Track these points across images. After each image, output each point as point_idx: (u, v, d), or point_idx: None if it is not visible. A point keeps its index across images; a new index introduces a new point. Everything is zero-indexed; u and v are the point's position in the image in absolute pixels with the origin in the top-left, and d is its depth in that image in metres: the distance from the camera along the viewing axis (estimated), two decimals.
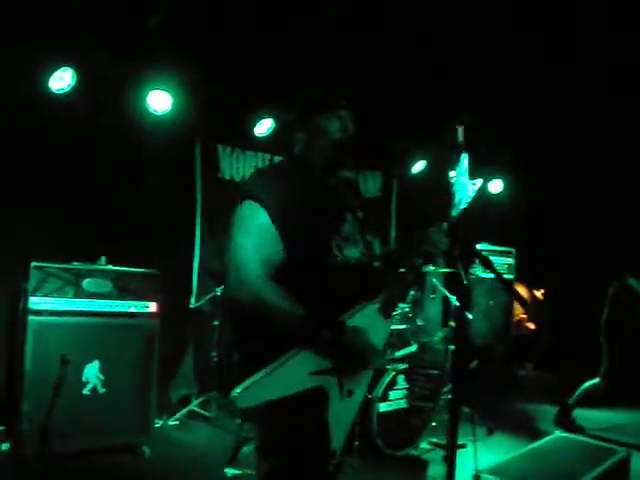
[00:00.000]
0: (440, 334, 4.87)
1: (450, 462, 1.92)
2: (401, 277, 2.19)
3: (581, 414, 5.42)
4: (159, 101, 4.97)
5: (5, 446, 3.99)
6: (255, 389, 1.90)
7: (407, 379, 4.45)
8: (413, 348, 4.71)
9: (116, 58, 4.55)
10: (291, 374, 1.92)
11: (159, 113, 5.02)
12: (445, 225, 2.17)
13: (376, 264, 2.27)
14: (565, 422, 5.31)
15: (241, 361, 2.04)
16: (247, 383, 1.90)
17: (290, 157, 2.27)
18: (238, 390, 1.90)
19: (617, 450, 3.36)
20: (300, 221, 1.99)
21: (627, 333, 5.22)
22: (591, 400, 5.43)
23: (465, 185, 2.14)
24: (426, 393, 4.50)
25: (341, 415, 2.07)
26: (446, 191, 2.14)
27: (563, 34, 4.72)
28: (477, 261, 2.16)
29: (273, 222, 1.96)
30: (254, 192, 2.02)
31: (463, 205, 2.15)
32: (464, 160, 2.12)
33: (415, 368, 4.55)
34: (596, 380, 5.26)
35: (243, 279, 1.94)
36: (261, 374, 1.90)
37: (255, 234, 1.97)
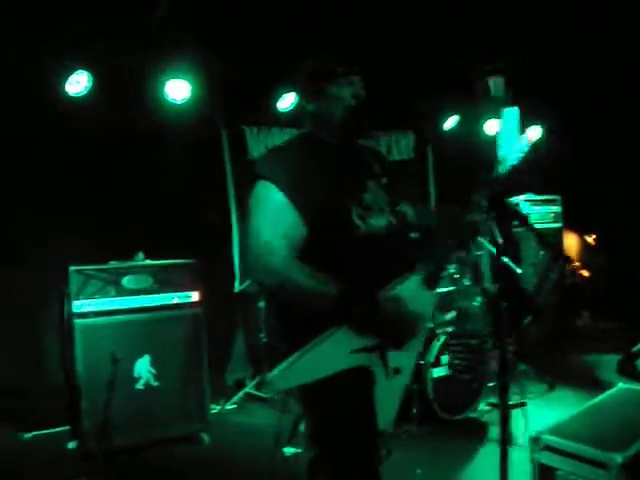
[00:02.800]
0: (479, 299, 4.60)
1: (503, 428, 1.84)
2: (443, 245, 2.06)
3: None
4: (177, 90, 4.93)
5: (72, 444, 4.12)
6: (290, 371, 1.87)
7: (447, 350, 4.25)
8: (451, 315, 4.53)
9: (128, 53, 4.51)
10: (328, 354, 1.87)
11: (179, 102, 4.98)
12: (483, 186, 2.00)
13: (412, 235, 2.17)
14: (628, 371, 5.12)
15: (283, 345, 1.99)
16: (283, 365, 1.88)
17: (302, 131, 2.19)
18: (274, 372, 1.89)
19: None
20: (315, 194, 1.93)
21: None
22: None
23: (513, 140, 1.96)
24: (465, 364, 4.30)
25: (388, 394, 2.01)
26: (480, 146, 1.98)
27: None
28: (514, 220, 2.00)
29: (288, 198, 1.91)
30: (265, 171, 1.98)
31: (511, 162, 1.95)
32: (512, 114, 1.94)
33: (454, 338, 4.35)
34: None
35: (267, 262, 1.89)
36: (296, 356, 1.86)
37: (272, 213, 1.92)
